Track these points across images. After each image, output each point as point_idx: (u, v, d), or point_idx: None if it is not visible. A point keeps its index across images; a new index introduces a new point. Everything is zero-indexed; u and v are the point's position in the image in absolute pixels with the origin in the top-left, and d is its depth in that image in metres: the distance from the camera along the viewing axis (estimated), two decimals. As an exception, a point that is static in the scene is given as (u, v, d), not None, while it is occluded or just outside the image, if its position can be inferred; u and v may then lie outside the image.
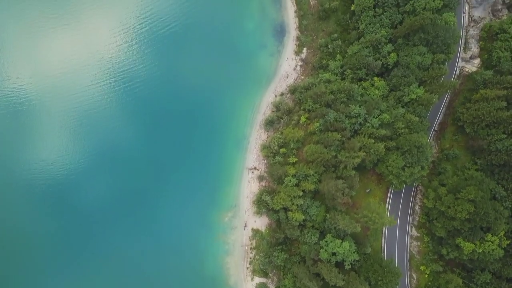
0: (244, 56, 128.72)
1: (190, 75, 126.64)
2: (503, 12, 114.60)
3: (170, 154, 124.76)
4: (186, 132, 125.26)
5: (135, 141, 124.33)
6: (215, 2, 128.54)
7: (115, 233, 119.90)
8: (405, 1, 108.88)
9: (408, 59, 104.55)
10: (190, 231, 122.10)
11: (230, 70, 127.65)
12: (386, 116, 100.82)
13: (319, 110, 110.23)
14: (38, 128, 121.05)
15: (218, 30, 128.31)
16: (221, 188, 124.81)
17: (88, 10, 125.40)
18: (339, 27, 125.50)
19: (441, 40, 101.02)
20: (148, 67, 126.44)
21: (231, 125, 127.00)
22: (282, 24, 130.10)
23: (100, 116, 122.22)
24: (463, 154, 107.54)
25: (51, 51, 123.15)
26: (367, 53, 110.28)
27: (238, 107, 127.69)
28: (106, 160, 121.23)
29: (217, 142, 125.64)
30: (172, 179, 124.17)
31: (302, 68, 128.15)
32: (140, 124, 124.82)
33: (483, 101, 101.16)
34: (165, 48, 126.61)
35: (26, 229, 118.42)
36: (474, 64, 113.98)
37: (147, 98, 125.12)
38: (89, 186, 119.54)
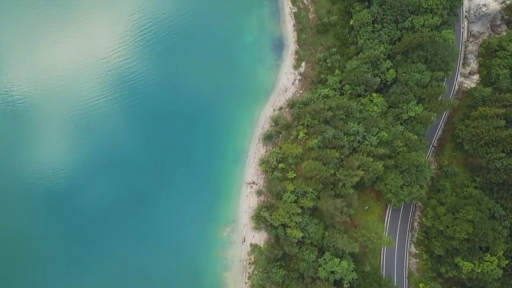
0: (243, 69, 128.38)
1: (188, 88, 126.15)
2: (502, 28, 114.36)
3: (168, 167, 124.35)
4: (184, 144, 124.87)
5: (133, 153, 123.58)
6: (214, 16, 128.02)
7: (114, 237, 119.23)
8: (404, 18, 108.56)
9: (406, 76, 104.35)
10: (188, 246, 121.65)
11: (228, 83, 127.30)
12: (385, 134, 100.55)
13: (317, 126, 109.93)
14: (37, 131, 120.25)
15: (217, 43, 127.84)
16: (219, 202, 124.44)
17: (88, 14, 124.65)
18: (338, 41, 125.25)
19: (440, 58, 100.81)
20: (147, 80, 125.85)
21: (229, 139, 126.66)
22: (281, 38, 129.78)
23: (99, 120, 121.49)
24: (462, 171, 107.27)
25: (51, 55, 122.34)
26: (366, 69, 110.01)
27: (237, 121, 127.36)
28: (104, 165, 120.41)
29: (215, 156, 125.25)
30: (169, 193, 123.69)
31: (300, 82, 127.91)
32: (138, 136, 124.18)
33: (482, 119, 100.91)
34: (163, 62, 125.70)
35: (25, 232, 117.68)
36: (473, 80, 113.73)
37: (147, 109, 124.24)
38: (87, 189, 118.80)
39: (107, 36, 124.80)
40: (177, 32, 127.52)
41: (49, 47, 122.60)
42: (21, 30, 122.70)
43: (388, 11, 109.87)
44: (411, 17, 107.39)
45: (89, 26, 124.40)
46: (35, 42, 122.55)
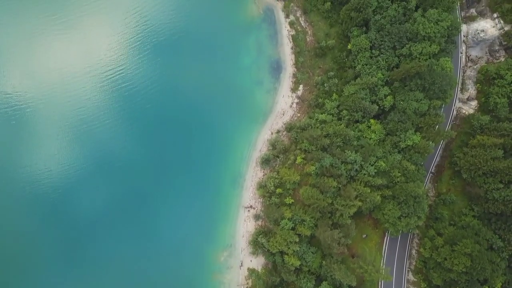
0: (241, 92, 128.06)
1: (186, 109, 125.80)
2: (500, 53, 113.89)
3: (165, 189, 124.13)
4: (181, 166, 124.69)
5: (131, 171, 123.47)
6: (212, 38, 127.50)
7: (111, 249, 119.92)
8: (401, 44, 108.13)
9: (404, 104, 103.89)
10: (186, 270, 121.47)
11: (226, 106, 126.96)
12: (382, 164, 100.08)
13: (315, 153, 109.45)
14: (38, 135, 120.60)
15: (215, 66, 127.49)
16: (216, 226, 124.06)
17: (87, 19, 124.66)
18: (336, 64, 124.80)
19: (438, 87, 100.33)
20: (143, 104, 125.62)
21: (227, 161, 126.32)
22: (279, 61, 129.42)
23: (99, 124, 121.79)
24: (460, 199, 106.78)
25: (49, 58, 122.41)
26: (364, 95, 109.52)
27: (235, 144, 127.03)
28: (101, 172, 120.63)
29: (213, 178, 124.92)
30: (166, 217, 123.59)
31: (298, 106, 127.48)
32: (136, 154, 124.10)
33: (480, 148, 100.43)
34: (160, 86, 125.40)
35: (26, 234, 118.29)
36: (471, 106, 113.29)
37: (146, 130, 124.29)
38: (85, 193, 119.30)
39: (110, 44, 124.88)
40: (174, 54, 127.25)
41: (48, 52, 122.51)
42: (20, 35, 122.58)
43: (385, 37, 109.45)
44: (409, 44, 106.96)
45: (90, 30, 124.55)
46: (34, 47, 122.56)
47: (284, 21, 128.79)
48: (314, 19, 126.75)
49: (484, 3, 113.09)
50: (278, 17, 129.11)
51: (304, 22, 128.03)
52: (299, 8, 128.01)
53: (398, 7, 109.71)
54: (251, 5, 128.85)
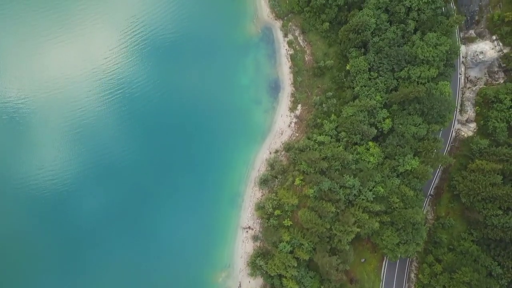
0: (239, 111, 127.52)
1: (184, 129, 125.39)
2: (499, 75, 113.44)
3: (162, 209, 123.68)
4: (179, 185, 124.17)
5: (126, 190, 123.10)
6: (210, 57, 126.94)
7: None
8: (400, 67, 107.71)
9: (403, 128, 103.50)
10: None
11: (224, 125, 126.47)
12: (381, 189, 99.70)
13: (313, 176, 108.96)
14: (38, 138, 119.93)
15: (213, 85, 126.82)
16: (215, 246, 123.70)
17: (86, 23, 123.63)
18: (334, 84, 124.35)
19: (437, 111, 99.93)
20: (145, 119, 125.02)
21: (225, 181, 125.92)
22: (277, 80, 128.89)
23: (98, 128, 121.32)
24: (459, 222, 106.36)
25: (48, 62, 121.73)
26: (362, 117, 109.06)
27: (233, 163, 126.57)
28: (102, 174, 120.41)
29: (211, 198, 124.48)
30: (164, 234, 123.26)
31: (296, 125, 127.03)
32: (131, 174, 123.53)
33: (478, 172, 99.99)
34: (155, 107, 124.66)
35: (25, 239, 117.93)
36: (470, 128, 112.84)
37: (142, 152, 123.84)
38: (86, 196, 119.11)
39: (110, 49, 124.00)
40: (171, 72, 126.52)
41: (47, 55, 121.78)
42: (18, 38, 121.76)
43: (384, 59, 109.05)
44: (408, 67, 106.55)
45: (91, 35, 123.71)
46: (33, 50, 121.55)
47: (283, 40, 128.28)
48: (313, 39, 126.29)
49: (483, 25, 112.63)
50: (276, 36, 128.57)
51: (302, 42, 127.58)
52: (297, 28, 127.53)
53: (397, 29, 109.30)
54: (249, 24, 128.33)
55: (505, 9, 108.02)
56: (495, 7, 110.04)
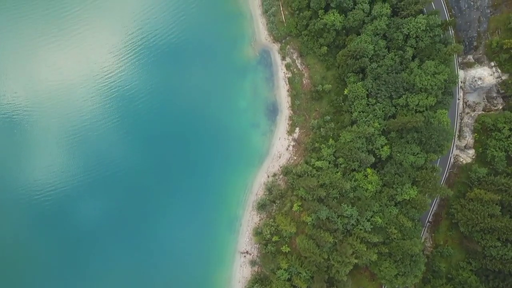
0: (237, 134, 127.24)
1: (182, 152, 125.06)
2: (498, 101, 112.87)
3: (161, 232, 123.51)
4: (176, 208, 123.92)
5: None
6: (208, 81, 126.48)
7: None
8: (398, 94, 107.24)
9: (401, 156, 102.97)
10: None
11: (222, 149, 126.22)
12: (379, 219, 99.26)
13: (311, 203, 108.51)
14: (38, 143, 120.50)
15: (211, 108, 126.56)
16: (212, 271, 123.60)
17: (85, 28, 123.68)
18: (332, 108, 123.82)
19: (435, 141, 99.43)
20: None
21: (223, 204, 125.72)
22: (275, 103, 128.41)
23: (97, 134, 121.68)
24: (458, 251, 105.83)
25: (47, 67, 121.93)
26: (360, 144, 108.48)
27: (231, 187, 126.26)
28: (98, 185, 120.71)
29: (209, 222, 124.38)
30: (162, 257, 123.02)
31: (294, 148, 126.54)
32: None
33: (477, 202, 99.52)
34: (152, 128, 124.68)
35: (25, 245, 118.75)
36: (468, 155, 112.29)
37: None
38: (83, 204, 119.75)
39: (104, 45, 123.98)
40: (168, 96, 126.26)
41: (47, 62, 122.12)
42: (17, 44, 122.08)
43: (382, 86, 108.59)
44: (406, 94, 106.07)
45: (91, 40, 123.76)
46: (31, 56, 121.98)
47: (281, 63, 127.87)
48: (311, 62, 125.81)
49: (482, 51, 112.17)
50: (274, 59, 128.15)
51: (300, 65, 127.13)
52: (295, 51, 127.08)
53: (395, 56, 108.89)
54: (247, 47, 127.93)
55: (504, 36, 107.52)
56: (494, 34, 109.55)
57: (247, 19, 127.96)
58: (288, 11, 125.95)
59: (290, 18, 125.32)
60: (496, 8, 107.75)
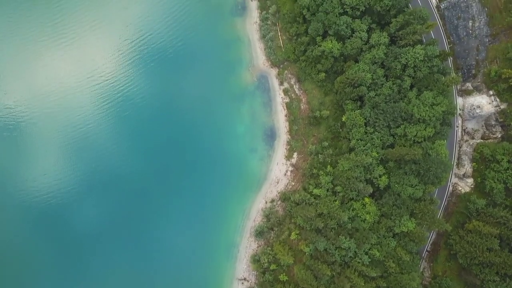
0: (235, 159, 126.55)
1: (179, 178, 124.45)
2: (496, 129, 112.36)
3: (158, 259, 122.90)
4: (173, 234, 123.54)
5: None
6: (205, 107, 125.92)
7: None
8: (396, 124, 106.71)
9: (399, 187, 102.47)
10: None
11: (220, 174, 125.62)
12: (377, 253, 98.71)
13: (309, 233, 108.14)
14: (36, 148, 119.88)
15: (209, 133, 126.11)
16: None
17: (84, 33, 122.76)
18: (330, 133, 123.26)
19: (433, 173, 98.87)
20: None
21: (221, 231, 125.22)
22: (273, 128, 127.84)
23: (96, 139, 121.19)
24: (457, 282, 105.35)
25: (45, 73, 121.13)
26: (358, 173, 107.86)
27: (229, 212, 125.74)
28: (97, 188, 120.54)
29: (206, 248, 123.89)
30: (159, 285, 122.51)
31: (293, 174, 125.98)
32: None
33: (476, 234, 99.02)
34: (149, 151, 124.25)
35: (24, 251, 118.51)
36: (467, 183, 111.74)
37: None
38: (81, 210, 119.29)
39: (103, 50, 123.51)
40: (166, 120, 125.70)
41: (44, 68, 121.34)
42: (15, 49, 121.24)
43: (380, 115, 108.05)
44: (404, 124, 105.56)
45: (90, 46, 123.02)
46: (29, 62, 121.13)
47: (278, 88, 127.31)
48: (309, 87, 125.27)
49: (480, 79, 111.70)
50: (272, 84, 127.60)
51: (298, 90, 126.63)
52: (293, 76, 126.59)
53: (393, 85, 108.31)
54: (245, 72, 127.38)
55: (502, 65, 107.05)
56: (492, 63, 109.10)
57: (245, 44, 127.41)
58: (286, 36, 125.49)
59: (288, 44, 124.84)
60: (495, 38, 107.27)
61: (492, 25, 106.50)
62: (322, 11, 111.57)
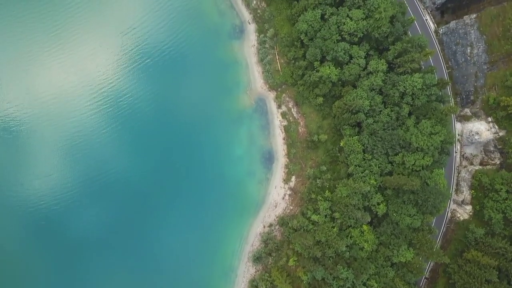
0: (233, 182, 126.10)
1: (174, 201, 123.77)
2: (495, 155, 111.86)
3: (154, 283, 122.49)
4: (170, 259, 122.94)
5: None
6: (204, 130, 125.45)
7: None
8: (394, 151, 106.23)
9: (397, 217, 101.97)
10: None
11: (218, 197, 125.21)
12: (375, 284, 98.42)
13: (306, 261, 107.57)
14: (33, 153, 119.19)
15: (207, 156, 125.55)
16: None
17: (82, 38, 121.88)
18: (328, 157, 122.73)
19: (431, 204, 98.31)
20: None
21: (218, 255, 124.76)
22: (271, 151, 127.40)
23: (94, 145, 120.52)
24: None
25: (44, 77, 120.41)
26: (357, 201, 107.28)
27: (226, 237, 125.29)
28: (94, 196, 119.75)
29: (204, 274, 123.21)
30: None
31: (291, 198, 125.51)
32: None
33: (474, 265, 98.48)
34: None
35: (21, 259, 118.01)
36: (466, 210, 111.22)
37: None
38: (79, 215, 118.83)
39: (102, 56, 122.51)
40: (164, 142, 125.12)
41: (42, 72, 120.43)
42: (12, 55, 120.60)
43: (378, 143, 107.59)
44: (402, 152, 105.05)
45: (88, 52, 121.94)
46: (27, 67, 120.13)
47: (276, 111, 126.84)
48: (306, 111, 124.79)
49: (479, 105, 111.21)
50: (270, 108, 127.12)
51: (296, 113, 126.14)
52: (291, 99, 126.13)
53: (391, 112, 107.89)
54: (243, 95, 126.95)
55: (501, 92, 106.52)
56: (491, 89, 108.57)
57: (242, 67, 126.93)
58: (284, 60, 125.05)
59: (286, 67, 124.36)
60: (493, 65, 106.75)
61: (490, 53, 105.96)
62: (319, 37, 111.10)
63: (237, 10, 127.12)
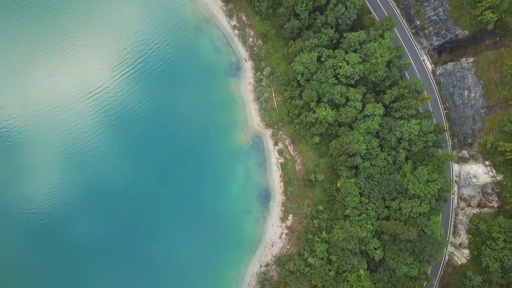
0: (229, 220, 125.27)
1: (170, 240, 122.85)
2: (493, 197, 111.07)
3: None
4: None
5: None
6: (200, 167, 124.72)
7: None
8: (391, 197, 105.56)
9: (394, 264, 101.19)
10: None
11: (214, 235, 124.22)
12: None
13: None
14: (30, 163, 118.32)
15: (203, 193, 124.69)
16: None
17: (81, 45, 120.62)
18: (325, 196, 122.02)
19: (428, 253, 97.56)
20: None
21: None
22: (267, 189, 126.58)
23: (92, 153, 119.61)
24: None
25: (42, 85, 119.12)
26: (353, 245, 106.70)
27: (222, 276, 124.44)
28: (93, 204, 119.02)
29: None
30: None
31: (288, 237, 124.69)
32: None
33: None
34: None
35: (24, 265, 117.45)
36: (463, 254, 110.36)
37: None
38: (77, 222, 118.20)
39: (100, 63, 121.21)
40: (160, 177, 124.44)
41: (40, 81, 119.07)
42: (11, 64, 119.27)
43: (375, 187, 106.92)
44: (399, 198, 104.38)
45: (81, 59, 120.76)
46: (25, 76, 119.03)
47: (273, 148, 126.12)
48: (303, 149, 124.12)
49: (476, 148, 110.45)
50: (266, 145, 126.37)
51: (293, 151, 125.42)
52: (287, 137, 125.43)
53: (388, 156, 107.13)
54: (240, 133, 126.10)
55: (498, 137, 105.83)
56: (488, 133, 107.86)
57: (239, 105, 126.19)
58: (280, 98, 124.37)
59: (282, 106, 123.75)
60: (491, 109, 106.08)
61: (488, 97, 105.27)
62: (316, 80, 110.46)
63: (234, 47, 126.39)
